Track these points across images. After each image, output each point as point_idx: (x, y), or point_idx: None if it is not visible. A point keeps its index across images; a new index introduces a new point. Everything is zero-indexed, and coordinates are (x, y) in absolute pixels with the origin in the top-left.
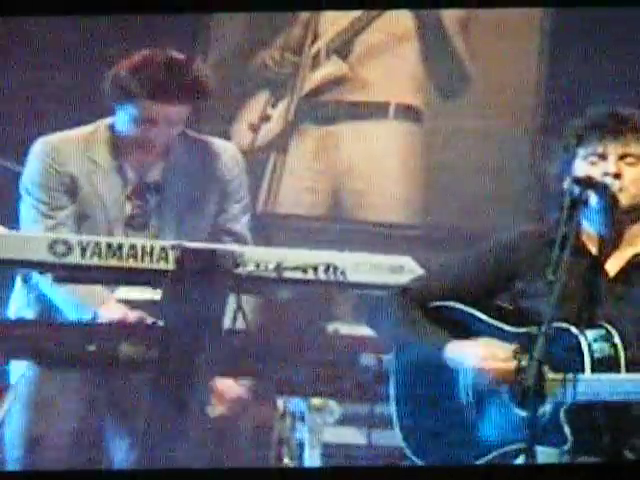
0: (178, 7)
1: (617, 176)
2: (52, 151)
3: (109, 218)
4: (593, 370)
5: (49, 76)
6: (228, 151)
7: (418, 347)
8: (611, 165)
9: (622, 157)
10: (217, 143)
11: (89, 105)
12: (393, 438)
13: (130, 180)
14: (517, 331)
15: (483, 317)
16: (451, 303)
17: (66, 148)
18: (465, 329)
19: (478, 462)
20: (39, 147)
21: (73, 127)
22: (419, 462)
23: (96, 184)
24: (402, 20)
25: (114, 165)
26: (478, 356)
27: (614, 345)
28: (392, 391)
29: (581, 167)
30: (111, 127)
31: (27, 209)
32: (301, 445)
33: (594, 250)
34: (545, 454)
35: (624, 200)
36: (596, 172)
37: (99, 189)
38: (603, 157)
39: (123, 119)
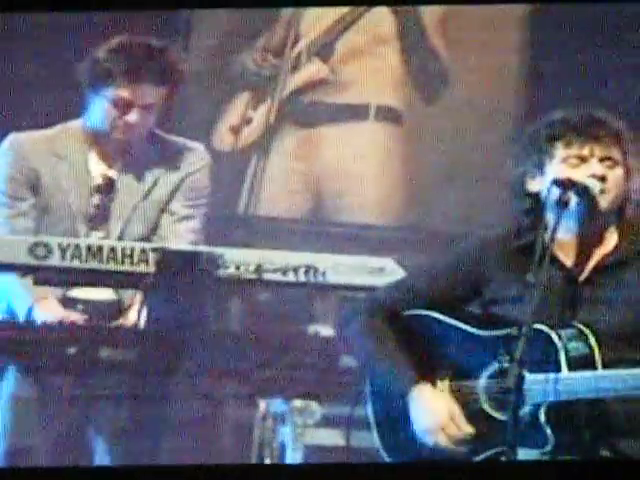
0: (158, 4)
1: (602, 178)
2: (18, 146)
3: (72, 213)
4: (570, 369)
5: (22, 70)
6: (193, 149)
7: (385, 377)
8: (596, 167)
9: (602, 160)
10: (184, 141)
11: (63, 99)
12: (373, 440)
13: (95, 175)
14: (493, 334)
15: (456, 324)
16: (423, 311)
17: (32, 143)
18: (438, 337)
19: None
20: (6, 143)
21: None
22: None
23: (60, 179)
24: (382, 22)
25: (80, 160)
26: (437, 422)
27: (589, 345)
28: (368, 395)
29: (560, 169)
30: (80, 124)
31: None
32: (283, 447)
33: (564, 253)
34: (526, 456)
35: (604, 203)
36: (579, 174)
37: (63, 184)
38: (584, 160)
39: (98, 107)
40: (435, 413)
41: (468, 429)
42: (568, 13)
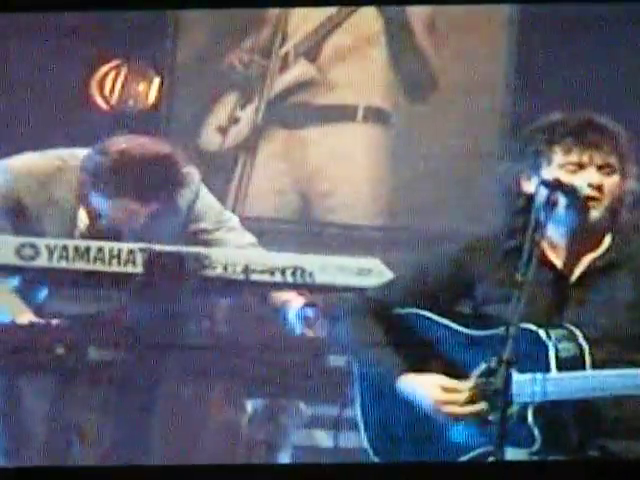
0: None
1: (598, 188)
2: (11, 174)
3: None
4: (559, 370)
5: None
6: (186, 178)
7: (373, 367)
8: (594, 176)
9: (600, 167)
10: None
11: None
12: (361, 441)
13: (81, 225)
14: (483, 334)
15: (447, 323)
16: (413, 310)
17: (27, 180)
18: (428, 335)
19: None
20: (3, 166)
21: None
22: None
23: (44, 223)
24: (370, 23)
25: (70, 207)
26: (434, 399)
27: (579, 345)
28: (357, 396)
29: (557, 174)
30: (80, 177)
31: None
32: (270, 447)
33: (555, 254)
34: (514, 456)
35: (597, 210)
36: (576, 181)
37: (47, 227)
38: (582, 167)
39: (96, 200)
40: (427, 389)
41: (465, 386)
42: (556, 13)
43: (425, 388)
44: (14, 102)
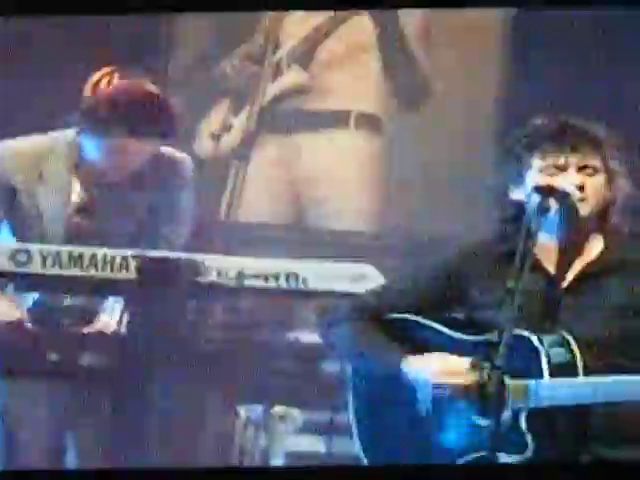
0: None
1: (581, 188)
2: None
3: (46, 235)
4: (552, 376)
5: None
6: (183, 163)
7: (373, 362)
8: (574, 177)
9: (581, 168)
10: (173, 154)
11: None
12: (354, 447)
13: (77, 199)
14: (476, 340)
15: (440, 328)
16: (407, 316)
17: (15, 160)
18: (422, 341)
19: None
20: None
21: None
22: None
23: (38, 200)
24: (363, 29)
25: (63, 183)
26: (434, 371)
27: (571, 351)
28: (350, 401)
29: (538, 179)
30: (73, 146)
31: None
32: (264, 454)
33: (547, 260)
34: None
35: (584, 210)
36: (557, 183)
37: (40, 205)
38: (562, 169)
39: (92, 145)
40: (429, 368)
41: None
42: (551, 18)
43: (425, 364)
44: (3, 108)
